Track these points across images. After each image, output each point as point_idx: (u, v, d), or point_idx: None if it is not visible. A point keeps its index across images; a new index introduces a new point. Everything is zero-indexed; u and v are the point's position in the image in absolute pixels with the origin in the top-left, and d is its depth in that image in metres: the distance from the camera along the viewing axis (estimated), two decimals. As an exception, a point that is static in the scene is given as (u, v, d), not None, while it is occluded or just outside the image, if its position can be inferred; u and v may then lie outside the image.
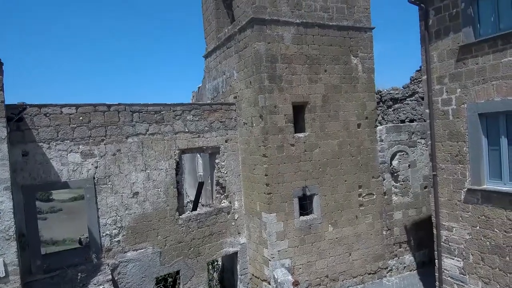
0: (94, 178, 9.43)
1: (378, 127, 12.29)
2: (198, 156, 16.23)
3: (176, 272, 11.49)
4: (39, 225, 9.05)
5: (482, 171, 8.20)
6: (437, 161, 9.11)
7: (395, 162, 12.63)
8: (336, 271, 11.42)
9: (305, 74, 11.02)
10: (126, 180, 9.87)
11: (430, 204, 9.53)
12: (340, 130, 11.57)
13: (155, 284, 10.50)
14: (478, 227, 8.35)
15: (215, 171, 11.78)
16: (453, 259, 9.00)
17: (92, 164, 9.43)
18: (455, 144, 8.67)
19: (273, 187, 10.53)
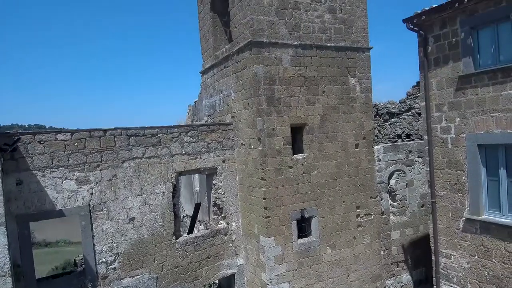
0: (90, 205, 9.28)
1: (376, 147, 12.27)
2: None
3: (173, 295, 11.36)
4: (31, 227, 8.81)
5: (481, 201, 8.20)
6: (436, 188, 9.11)
7: (393, 182, 12.62)
8: (334, 293, 11.39)
9: (303, 96, 10.95)
10: (122, 206, 9.72)
11: (429, 230, 9.52)
12: (338, 151, 11.52)
13: (152, 309, 10.36)
14: (477, 257, 8.35)
15: (212, 192, 11.68)
16: (452, 286, 9.01)
17: (88, 191, 9.28)
18: (454, 173, 8.66)
19: (272, 211, 10.46)
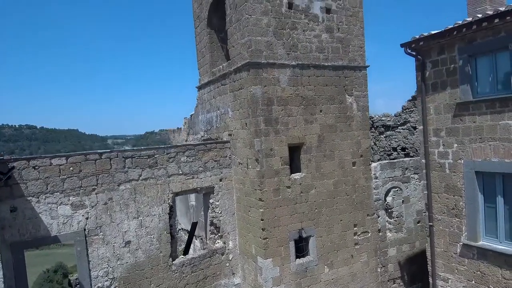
0: (85, 230, 9.13)
1: (373, 164, 12.30)
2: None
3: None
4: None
5: (478, 227, 8.26)
6: (434, 212, 9.15)
7: (389, 199, 12.66)
8: (332, 312, 11.39)
9: (301, 115, 10.93)
10: (118, 229, 9.59)
11: (427, 253, 9.55)
12: (336, 170, 11.53)
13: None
14: (474, 282, 8.40)
15: (209, 211, 11.59)
16: (449, 309, 9.05)
17: (83, 215, 9.13)
18: (452, 198, 8.71)
19: (269, 232, 10.41)
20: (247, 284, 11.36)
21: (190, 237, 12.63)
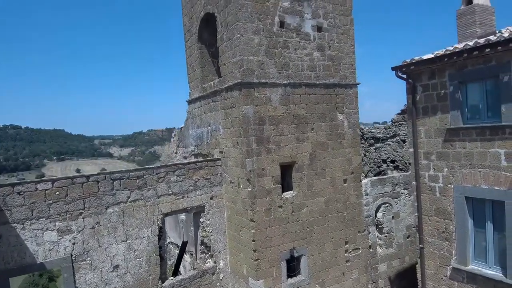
0: (72, 256, 8.89)
1: (363, 181, 12.34)
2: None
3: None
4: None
5: (468, 252, 8.33)
6: (424, 234, 9.20)
7: (380, 215, 12.72)
8: (323, 330, 11.37)
9: (293, 134, 10.87)
10: (106, 254, 9.37)
11: (417, 275, 9.61)
12: (327, 187, 11.51)
13: None
14: (464, 305, 8.47)
15: (200, 231, 11.43)
16: (439, 331, 9.11)
17: (70, 241, 8.88)
18: (442, 221, 8.76)
19: (261, 253, 10.33)
20: (238, 304, 11.25)
21: (180, 257, 12.45)
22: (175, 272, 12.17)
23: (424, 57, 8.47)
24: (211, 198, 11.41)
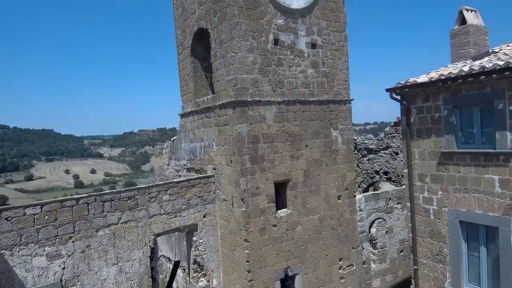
0: (62, 281, 8.67)
1: (357, 197, 12.32)
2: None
3: None
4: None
5: (462, 275, 8.35)
6: (418, 255, 9.20)
7: (373, 230, 12.72)
8: None
9: (287, 151, 10.79)
10: (97, 278, 9.16)
11: (411, 295, 9.62)
12: (321, 204, 11.46)
13: None
14: (458, 327, 8.49)
15: (192, 250, 11.28)
16: None
17: (59, 266, 8.66)
18: (436, 243, 8.77)
19: (255, 273, 10.22)
20: (232, 323, 11.13)
21: (172, 276, 12.27)
22: (168, 291, 12.01)
23: (419, 80, 8.47)
24: (204, 216, 11.26)
